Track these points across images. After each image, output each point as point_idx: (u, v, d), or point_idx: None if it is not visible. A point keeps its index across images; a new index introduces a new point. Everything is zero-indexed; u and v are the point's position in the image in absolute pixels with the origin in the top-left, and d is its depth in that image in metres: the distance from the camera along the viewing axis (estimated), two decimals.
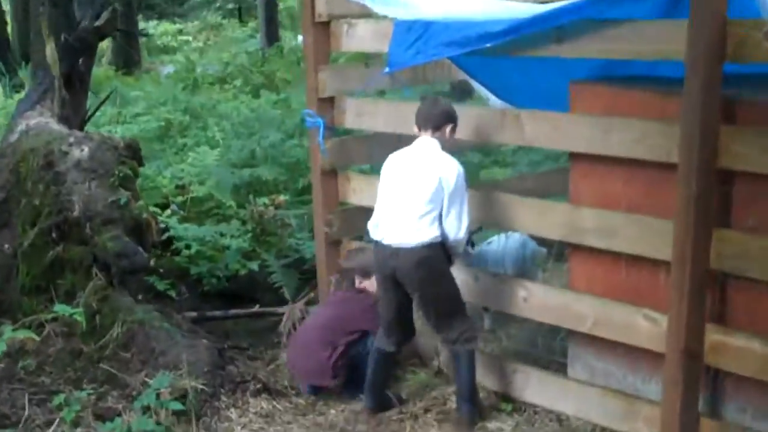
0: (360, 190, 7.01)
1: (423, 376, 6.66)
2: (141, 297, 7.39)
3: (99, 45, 9.07)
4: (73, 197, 7.11)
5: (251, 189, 10.30)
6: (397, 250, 5.70)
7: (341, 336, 6.40)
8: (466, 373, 5.90)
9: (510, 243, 7.01)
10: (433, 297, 5.80)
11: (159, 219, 8.38)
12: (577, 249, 5.83)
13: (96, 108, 9.42)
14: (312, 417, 6.25)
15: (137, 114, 13.58)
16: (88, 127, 8.65)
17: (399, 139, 6.13)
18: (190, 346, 6.60)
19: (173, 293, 8.02)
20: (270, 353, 7.26)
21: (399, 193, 5.76)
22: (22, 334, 5.68)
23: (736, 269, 4.94)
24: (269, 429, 6.07)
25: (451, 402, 6.16)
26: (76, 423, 5.93)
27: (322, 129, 6.88)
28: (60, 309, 6.30)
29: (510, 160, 10.72)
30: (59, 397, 5.94)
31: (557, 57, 5.54)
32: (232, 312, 8.10)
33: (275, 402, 6.41)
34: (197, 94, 15.95)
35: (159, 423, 5.80)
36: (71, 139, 7.38)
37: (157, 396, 5.94)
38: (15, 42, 22.99)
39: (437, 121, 5.79)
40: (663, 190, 5.19)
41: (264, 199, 9.74)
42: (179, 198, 9.71)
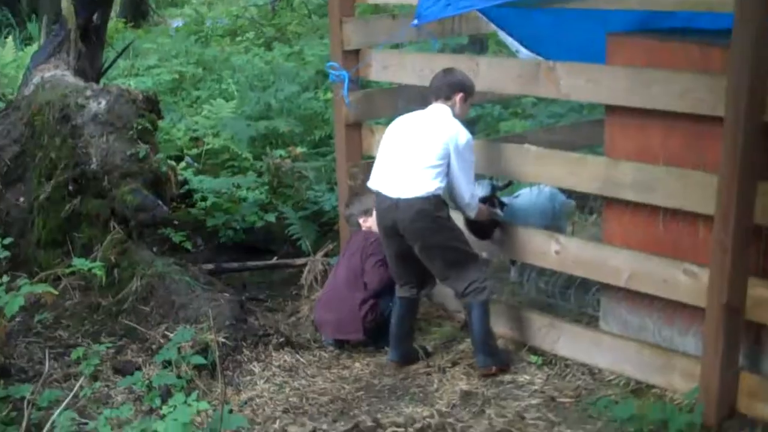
0: None
1: (449, 328, 6.57)
2: (156, 249, 7.42)
3: None
4: (91, 150, 7.05)
5: (267, 141, 10.24)
6: (397, 201, 5.76)
7: (365, 291, 6.33)
8: (478, 325, 5.87)
9: (539, 196, 6.92)
10: (434, 247, 5.80)
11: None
12: (612, 203, 5.71)
13: (113, 60, 9.39)
14: (336, 371, 6.18)
15: (150, 66, 13.52)
16: (102, 81, 8.55)
17: (425, 92, 6.08)
18: (211, 299, 6.55)
19: (189, 245, 8.01)
20: (290, 306, 7.22)
21: (404, 149, 5.84)
22: (39, 288, 5.58)
23: None
24: (293, 383, 5.97)
25: None
26: (95, 377, 5.88)
27: (346, 82, 6.83)
28: (78, 263, 6.22)
29: (530, 111, 10.54)
30: (77, 351, 5.83)
31: (593, 9, 5.39)
32: (249, 264, 8.06)
33: (298, 355, 6.33)
34: (209, 46, 15.84)
35: (180, 377, 5.71)
36: (88, 92, 7.31)
37: (179, 350, 5.85)
38: None
39: (448, 91, 5.90)
40: (704, 143, 5.09)
41: (280, 151, 9.66)
42: (194, 150, 9.66)
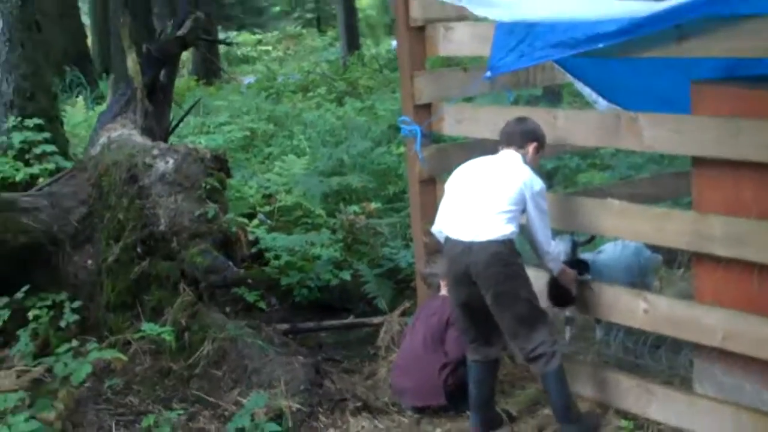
0: None
1: (533, 390, 6.30)
2: (229, 309, 7.32)
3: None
4: (159, 211, 7.00)
5: (340, 197, 10.17)
6: (470, 244, 5.50)
7: (445, 356, 6.14)
8: (556, 395, 5.64)
9: (624, 251, 6.76)
10: (507, 295, 5.51)
11: (248, 230, 8.17)
12: (702, 259, 5.50)
13: (180, 119, 9.38)
14: None
15: (221, 124, 13.65)
16: (171, 139, 8.51)
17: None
18: (285, 362, 6.43)
19: (263, 305, 7.90)
20: (367, 367, 7.02)
21: (476, 192, 5.62)
22: (109, 354, 5.50)
23: None
24: None
25: None
26: None
27: (419, 137, 6.73)
28: (148, 328, 6.16)
29: (608, 162, 10.33)
30: (149, 419, 5.77)
31: (675, 57, 5.27)
32: (325, 323, 7.94)
33: (377, 421, 6.13)
34: (280, 103, 15.93)
35: None
36: (155, 152, 7.26)
37: (252, 417, 5.74)
38: (95, 54, 23.17)
39: (521, 140, 5.74)
40: None
41: (354, 207, 9.59)
42: (266, 208, 9.61)
